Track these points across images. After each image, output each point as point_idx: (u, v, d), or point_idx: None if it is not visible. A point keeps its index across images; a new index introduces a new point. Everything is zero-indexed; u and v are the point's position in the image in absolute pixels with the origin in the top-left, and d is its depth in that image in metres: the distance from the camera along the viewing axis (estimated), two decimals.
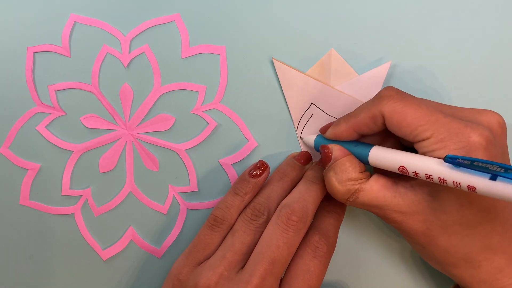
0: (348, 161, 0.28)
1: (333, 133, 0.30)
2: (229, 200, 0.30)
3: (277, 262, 0.27)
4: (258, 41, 0.33)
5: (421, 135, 0.25)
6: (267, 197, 0.30)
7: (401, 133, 0.26)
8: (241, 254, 0.28)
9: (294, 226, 0.28)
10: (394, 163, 0.26)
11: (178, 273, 0.29)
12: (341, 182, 0.28)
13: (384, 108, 0.27)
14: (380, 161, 0.27)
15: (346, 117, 0.29)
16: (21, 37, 0.35)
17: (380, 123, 0.27)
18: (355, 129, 0.28)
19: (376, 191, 0.27)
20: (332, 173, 0.28)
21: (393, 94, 0.27)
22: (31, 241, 0.35)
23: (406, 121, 0.26)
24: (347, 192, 0.28)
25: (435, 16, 0.32)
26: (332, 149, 0.29)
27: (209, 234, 0.30)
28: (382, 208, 0.27)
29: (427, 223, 0.26)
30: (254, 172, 0.31)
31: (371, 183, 0.28)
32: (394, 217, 0.27)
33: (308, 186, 0.30)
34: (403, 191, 0.27)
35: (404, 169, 0.26)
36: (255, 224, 0.29)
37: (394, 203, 0.27)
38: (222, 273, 0.27)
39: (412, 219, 0.27)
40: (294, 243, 0.28)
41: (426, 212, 0.26)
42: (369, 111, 0.27)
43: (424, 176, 0.25)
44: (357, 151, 0.29)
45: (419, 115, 0.26)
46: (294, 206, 0.28)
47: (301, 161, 0.32)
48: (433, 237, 0.27)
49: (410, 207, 0.27)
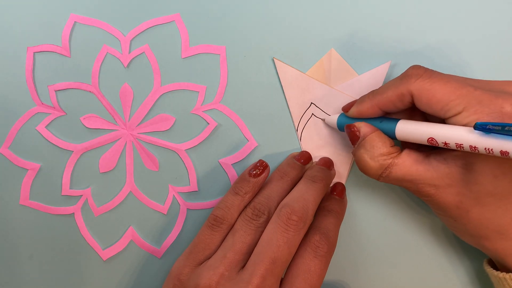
0: (377, 136, 0.28)
1: (357, 111, 0.29)
2: (229, 200, 0.30)
3: (277, 262, 0.27)
4: (258, 41, 0.33)
5: (453, 110, 0.25)
6: (267, 196, 0.30)
7: (431, 110, 0.26)
8: (241, 254, 0.28)
9: (294, 226, 0.28)
10: (423, 135, 0.26)
11: (178, 273, 0.29)
12: (373, 158, 0.28)
13: (413, 87, 0.27)
14: (408, 134, 0.27)
15: (371, 94, 0.29)
16: (21, 37, 0.35)
17: (407, 101, 0.27)
18: (380, 107, 0.28)
19: (409, 165, 0.27)
20: (362, 150, 0.29)
21: (421, 72, 0.27)
22: (31, 241, 0.35)
23: (436, 98, 0.26)
24: (380, 167, 0.28)
25: (435, 16, 0.32)
26: (359, 127, 0.29)
27: (209, 234, 0.30)
28: (415, 182, 0.27)
29: (460, 196, 0.27)
30: (254, 172, 0.31)
31: (403, 157, 0.28)
32: (427, 190, 0.27)
33: (308, 186, 0.30)
34: (435, 164, 0.27)
35: (434, 140, 0.25)
36: (255, 223, 0.29)
37: (427, 177, 0.27)
38: (223, 273, 0.27)
39: (445, 192, 0.27)
40: (294, 242, 0.28)
41: (459, 185, 0.26)
42: (396, 89, 0.27)
43: (455, 145, 0.24)
44: (383, 127, 0.29)
45: (449, 90, 0.26)
46: (294, 205, 0.28)
47: (301, 160, 0.32)
48: (466, 209, 0.27)
49: (444, 180, 0.27)
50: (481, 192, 0.26)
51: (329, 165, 0.32)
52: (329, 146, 0.33)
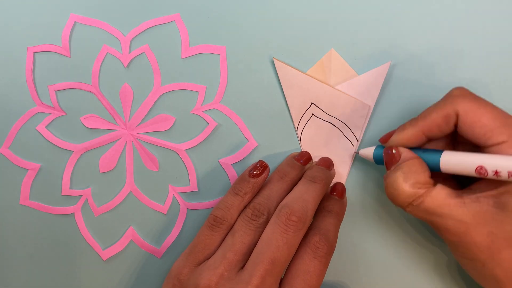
0: (419, 163, 0.27)
1: (399, 140, 0.28)
2: (229, 200, 0.30)
3: (277, 262, 0.27)
4: (258, 41, 0.33)
5: (496, 137, 0.25)
6: (267, 197, 0.30)
7: (473, 134, 0.25)
8: (241, 254, 0.28)
9: (293, 226, 0.27)
10: (471, 164, 0.25)
11: (178, 273, 0.29)
12: (409, 183, 0.27)
13: (459, 107, 0.26)
14: (454, 164, 0.26)
15: (413, 121, 0.28)
16: (21, 37, 0.35)
17: (452, 123, 0.26)
18: (424, 132, 0.27)
19: (442, 199, 0.26)
20: (400, 172, 0.27)
21: (467, 93, 0.26)
22: (31, 241, 0.35)
23: (481, 122, 0.25)
24: (413, 195, 0.27)
25: (435, 16, 0.32)
26: (402, 151, 0.28)
27: (209, 234, 0.30)
28: (445, 217, 0.26)
29: (492, 236, 0.25)
30: (254, 172, 0.31)
31: (437, 189, 0.26)
32: (456, 228, 0.26)
33: (308, 186, 0.30)
34: (468, 201, 0.26)
35: (483, 169, 0.24)
36: (255, 224, 0.29)
37: (459, 213, 0.26)
38: (223, 273, 0.27)
39: (476, 231, 0.25)
40: (293, 243, 0.28)
41: (491, 224, 0.25)
42: (441, 110, 0.26)
43: (507, 174, 0.23)
44: (426, 157, 0.27)
45: (495, 117, 0.25)
46: (293, 206, 0.28)
47: (301, 161, 0.32)
48: (497, 250, 0.25)
49: (475, 218, 0.25)
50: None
51: (329, 165, 0.32)
52: (329, 146, 0.33)
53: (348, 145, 0.33)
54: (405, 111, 0.32)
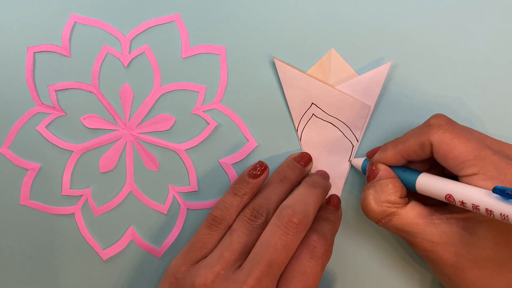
0: (392, 183, 0.28)
1: (380, 159, 0.30)
2: (228, 200, 0.30)
3: (274, 265, 0.27)
4: (258, 41, 0.33)
5: (468, 169, 0.25)
6: (266, 198, 0.30)
7: (447, 164, 0.26)
8: (238, 253, 0.28)
9: (294, 229, 0.27)
10: (442, 191, 0.26)
11: (175, 271, 0.29)
12: (378, 201, 0.28)
13: (433, 137, 0.27)
14: (427, 188, 0.27)
15: (394, 142, 0.29)
16: (21, 37, 0.35)
17: (428, 151, 0.27)
18: (402, 155, 0.28)
19: (410, 218, 0.27)
20: (371, 190, 0.29)
21: (443, 123, 0.27)
22: (31, 241, 0.35)
23: (454, 153, 0.26)
24: (381, 213, 0.28)
25: (435, 16, 0.32)
26: (380, 168, 0.29)
27: (207, 234, 0.30)
28: (413, 235, 0.28)
29: (458, 256, 0.26)
30: (253, 173, 0.31)
31: (407, 209, 0.28)
32: (424, 245, 0.27)
33: (309, 190, 0.30)
34: (437, 222, 0.27)
35: (451, 198, 0.25)
36: (253, 224, 0.29)
37: (427, 232, 0.27)
38: (219, 272, 0.27)
39: (443, 249, 0.27)
40: (292, 245, 0.27)
41: (458, 245, 0.26)
42: (417, 138, 0.27)
43: (471, 206, 0.24)
44: (405, 177, 0.29)
45: (468, 149, 0.26)
46: (295, 207, 0.28)
47: (301, 163, 0.32)
48: (462, 269, 0.27)
49: (442, 238, 0.27)
50: (480, 256, 0.26)
51: (326, 177, 0.33)
52: (329, 146, 0.33)
53: (348, 145, 0.33)
54: (405, 111, 0.32)
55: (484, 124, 0.32)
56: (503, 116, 0.32)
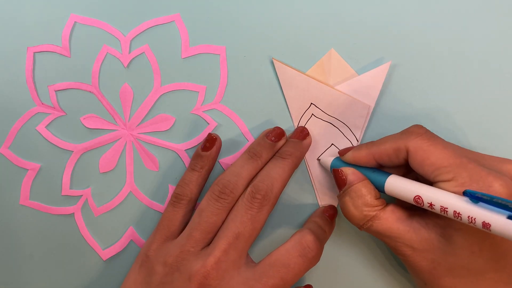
0: (364, 186, 0.29)
1: (353, 157, 0.30)
2: (187, 176, 0.32)
3: (241, 237, 0.28)
4: (258, 41, 0.33)
5: (442, 176, 0.26)
6: (234, 173, 0.30)
7: (422, 170, 0.26)
8: (207, 232, 0.29)
9: (258, 203, 0.29)
10: (410, 193, 0.26)
11: (146, 249, 0.31)
12: (357, 207, 0.28)
13: (411, 143, 0.27)
14: (396, 189, 0.27)
15: (369, 144, 0.29)
16: (21, 37, 0.35)
17: (402, 157, 0.28)
18: (375, 158, 0.29)
19: (391, 222, 0.28)
20: (348, 198, 0.29)
21: (422, 132, 0.27)
22: (31, 241, 0.35)
23: (430, 160, 0.26)
24: (363, 218, 0.28)
25: (435, 16, 0.32)
26: (347, 173, 0.29)
27: (171, 211, 0.31)
28: (394, 240, 0.28)
29: (435, 263, 0.27)
30: (204, 145, 0.32)
31: (387, 213, 0.28)
32: (404, 250, 0.28)
33: (276, 163, 0.31)
34: (417, 227, 0.27)
35: (420, 199, 0.25)
36: (222, 203, 0.30)
37: (407, 238, 0.27)
38: (189, 250, 0.29)
39: (421, 256, 0.27)
40: (258, 219, 0.29)
41: (435, 252, 0.27)
42: (394, 143, 0.28)
43: (439, 208, 0.24)
44: (374, 178, 0.29)
45: (444, 156, 0.26)
46: (259, 185, 0.29)
47: (272, 138, 0.32)
48: (438, 276, 0.27)
49: (422, 244, 0.27)
50: (456, 264, 0.26)
51: (304, 135, 0.32)
52: (329, 146, 0.33)
53: (348, 145, 0.33)
54: (405, 111, 0.32)
55: (484, 124, 0.32)
56: (503, 115, 0.32)
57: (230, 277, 0.28)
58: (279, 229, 0.34)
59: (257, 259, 0.29)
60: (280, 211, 0.34)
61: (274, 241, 0.34)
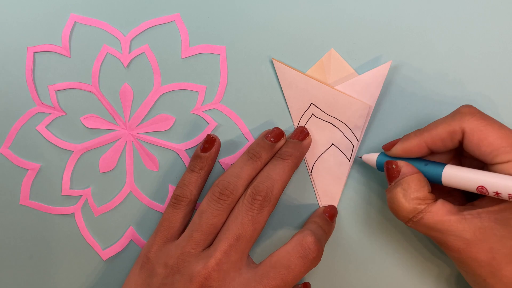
0: (418, 178, 0.27)
1: (403, 148, 0.28)
2: (186, 177, 0.32)
3: (241, 238, 0.28)
4: (258, 41, 0.33)
5: (502, 156, 0.25)
6: (234, 175, 0.30)
7: (479, 152, 0.26)
8: (207, 234, 0.29)
9: (258, 205, 0.29)
10: (472, 182, 0.25)
11: (147, 251, 0.31)
12: (409, 199, 0.27)
13: (466, 124, 0.26)
14: (455, 180, 0.26)
15: (418, 131, 0.28)
16: (21, 37, 0.35)
17: (456, 139, 0.26)
18: (428, 144, 0.27)
19: (442, 214, 0.26)
20: (399, 188, 0.27)
21: (475, 111, 0.26)
22: (31, 241, 0.35)
23: (488, 140, 0.25)
24: (413, 211, 0.27)
25: (436, 16, 0.32)
26: (401, 165, 0.28)
27: (171, 212, 0.31)
28: (445, 233, 0.26)
29: (493, 252, 0.25)
30: (204, 147, 0.32)
31: (438, 205, 0.27)
32: (457, 244, 0.26)
33: (276, 164, 0.30)
34: (469, 217, 0.26)
35: (484, 189, 0.24)
36: (223, 204, 0.30)
37: (459, 228, 0.26)
38: (190, 251, 0.29)
39: (477, 247, 0.26)
40: (258, 220, 0.29)
41: (492, 240, 0.25)
42: (448, 125, 0.26)
43: (507, 195, 0.24)
44: (428, 170, 0.27)
45: (502, 136, 0.25)
46: (259, 186, 0.29)
47: (271, 139, 0.32)
48: (499, 267, 0.25)
49: (476, 234, 0.26)
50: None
51: (304, 136, 0.32)
52: (329, 147, 0.33)
53: (349, 145, 0.33)
54: (406, 111, 0.32)
55: None
56: (504, 116, 0.32)
57: (231, 278, 0.28)
58: (279, 229, 0.34)
59: (258, 260, 0.29)
60: (280, 211, 0.34)
61: (275, 241, 0.34)
